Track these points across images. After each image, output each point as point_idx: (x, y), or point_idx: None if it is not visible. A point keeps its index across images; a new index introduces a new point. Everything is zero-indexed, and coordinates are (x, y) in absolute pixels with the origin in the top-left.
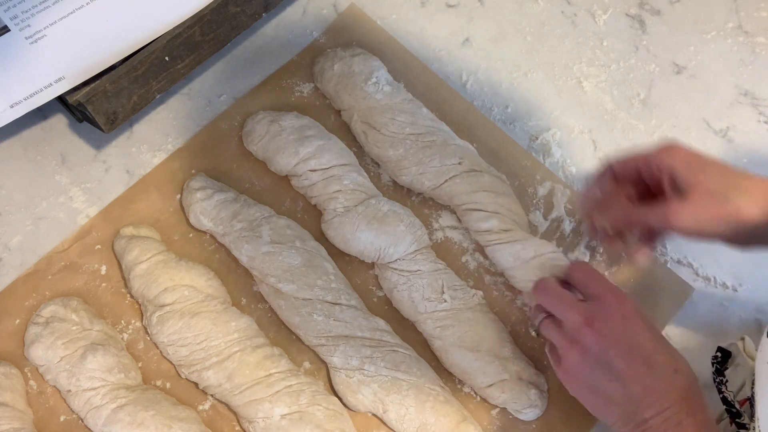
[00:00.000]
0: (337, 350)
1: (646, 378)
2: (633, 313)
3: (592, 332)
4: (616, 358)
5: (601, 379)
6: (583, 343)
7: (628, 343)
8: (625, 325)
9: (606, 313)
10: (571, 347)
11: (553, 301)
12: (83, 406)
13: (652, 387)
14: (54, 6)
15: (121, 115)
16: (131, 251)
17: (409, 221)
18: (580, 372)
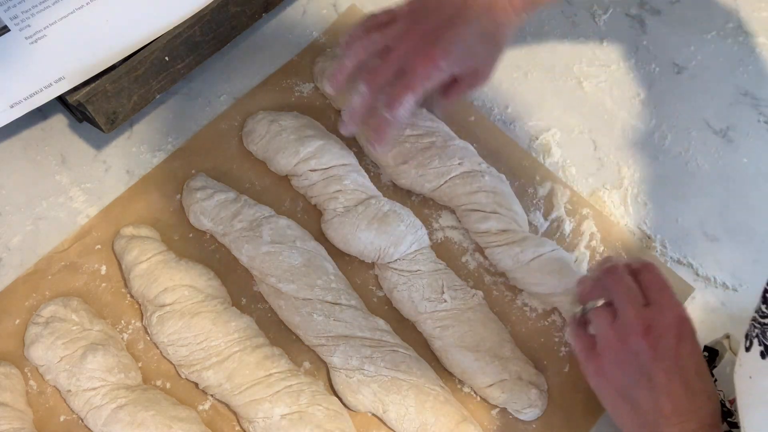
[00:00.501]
0: (337, 350)
1: (680, 398)
2: (688, 335)
3: (645, 341)
4: (660, 372)
5: (635, 386)
6: (631, 345)
7: (675, 362)
8: (679, 345)
9: (664, 327)
10: (617, 345)
11: (619, 290)
12: (83, 406)
13: (683, 408)
14: (54, 6)
15: (121, 115)
16: (131, 251)
17: (409, 221)
18: (618, 372)
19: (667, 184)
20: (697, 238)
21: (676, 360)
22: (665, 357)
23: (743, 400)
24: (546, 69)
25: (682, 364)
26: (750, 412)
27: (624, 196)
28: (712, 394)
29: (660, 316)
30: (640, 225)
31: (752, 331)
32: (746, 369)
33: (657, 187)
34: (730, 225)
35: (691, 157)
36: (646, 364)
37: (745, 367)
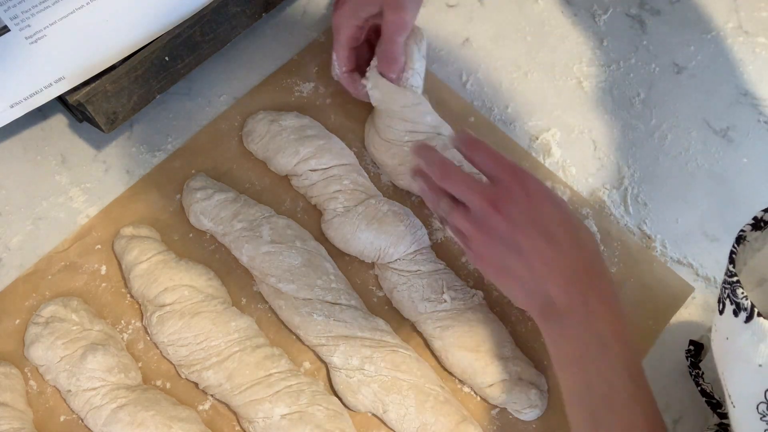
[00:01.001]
0: (337, 350)
1: (548, 253)
2: (536, 191)
3: (499, 216)
4: (522, 238)
5: (508, 259)
6: (490, 225)
7: (533, 222)
8: (530, 204)
9: (511, 195)
10: (480, 231)
11: (460, 187)
12: (83, 406)
13: (555, 262)
14: (54, 6)
15: (121, 115)
16: (131, 251)
17: (409, 221)
18: (488, 253)
19: (667, 184)
20: (697, 238)
21: (532, 219)
22: (520, 221)
23: (723, 363)
24: (546, 69)
25: (539, 221)
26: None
27: (624, 196)
28: (581, 242)
29: (503, 187)
30: (640, 225)
31: (723, 294)
32: (722, 332)
33: (657, 187)
34: (730, 225)
35: (691, 157)
36: (507, 236)
37: (721, 331)
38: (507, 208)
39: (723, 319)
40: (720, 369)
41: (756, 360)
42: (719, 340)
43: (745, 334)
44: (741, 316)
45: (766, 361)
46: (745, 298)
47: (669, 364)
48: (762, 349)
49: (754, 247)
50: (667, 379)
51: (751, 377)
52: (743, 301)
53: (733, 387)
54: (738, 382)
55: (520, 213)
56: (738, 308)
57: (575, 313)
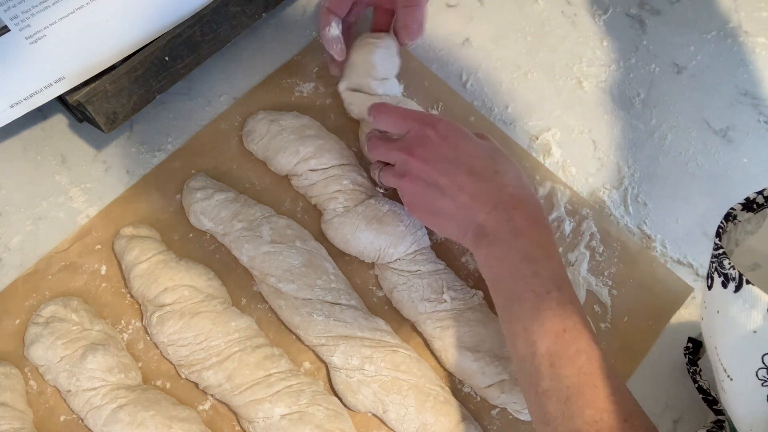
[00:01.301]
0: (337, 350)
1: (470, 185)
2: (446, 131)
3: (416, 160)
4: (440, 176)
5: (433, 199)
6: (411, 173)
7: (448, 159)
8: (443, 143)
9: (423, 140)
10: (403, 181)
11: (380, 150)
12: (83, 406)
13: (478, 192)
14: (54, 6)
15: (121, 115)
16: (131, 251)
17: (409, 221)
18: (416, 200)
19: (667, 184)
20: (697, 238)
21: (447, 157)
22: (436, 160)
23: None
24: (546, 69)
25: (455, 157)
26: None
27: (624, 196)
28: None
29: (413, 136)
30: (640, 225)
31: (711, 268)
32: (713, 306)
33: (657, 187)
34: None
35: (691, 157)
36: (428, 177)
37: (711, 306)
38: (422, 152)
39: (712, 293)
40: (712, 345)
41: (749, 326)
42: (709, 316)
43: (736, 304)
44: (730, 286)
45: (760, 326)
46: (732, 269)
47: (669, 364)
48: (754, 315)
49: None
50: (667, 379)
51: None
52: (731, 271)
53: (729, 359)
54: (733, 354)
55: (435, 153)
56: (726, 279)
57: (503, 233)
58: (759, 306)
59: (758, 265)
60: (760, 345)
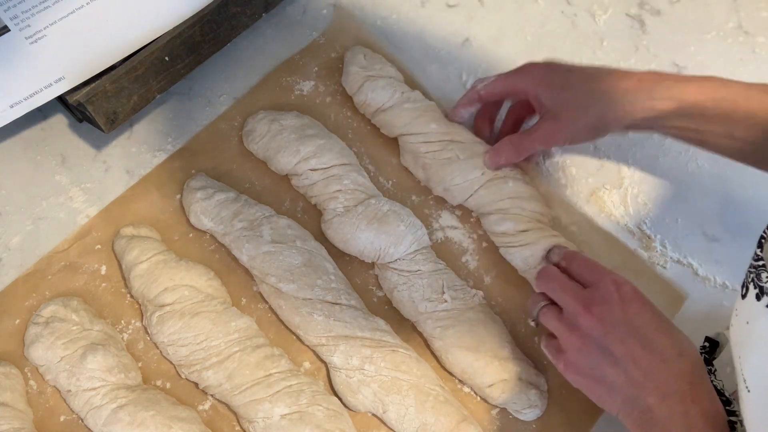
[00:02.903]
0: (337, 350)
1: (646, 361)
2: (632, 296)
3: (591, 317)
4: (615, 342)
5: (601, 365)
6: (582, 329)
7: (627, 327)
8: (624, 308)
9: (604, 298)
10: (571, 335)
11: (555, 287)
12: (83, 406)
13: (653, 371)
14: (54, 6)
15: (121, 115)
16: (131, 251)
17: (409, 221)
18: (580, 360)
19: (667, 184)
20: (697, 238)
21: (627, 325)
22: (615, 325)
23: (741, 348)
24: None
25: (635, 326)
26: (748, 356)
27: (624, 196)
28: (684, 350)
29: (597, 291)
30: (640, 225)
31: (748, 278)
32: (743, 316)
33: (657, 187)
34: (730, 225)
35: (691, 157)
36: (600, 340)
37: (741, 315)
38: (600, 311)
39: (745, 303)
40: (736, 353)
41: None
42: (739, 324)
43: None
44: (763, 300)
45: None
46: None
47: None
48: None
49: None
50: None
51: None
52: (766, 285)
53: (750, 372)
54: (755, 367)
55: (613, 316)
56: (761, 292)
57: (674, 429)
58: None
59: None
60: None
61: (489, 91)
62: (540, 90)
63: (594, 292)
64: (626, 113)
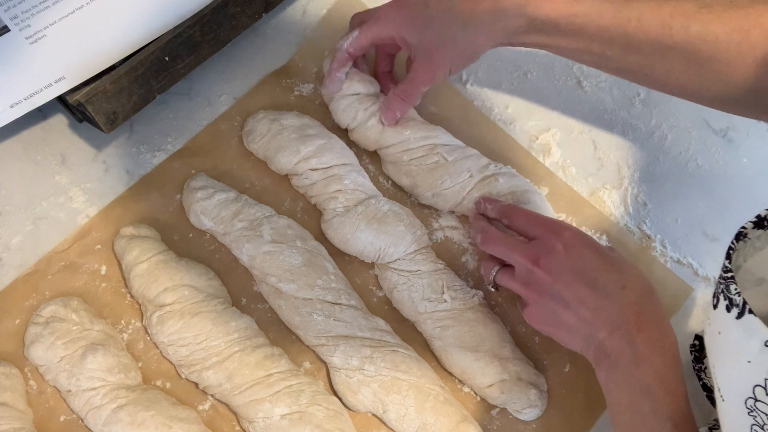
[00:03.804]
0: (337, 350)
1: (592, 300)
2: (573, 241)
3: (539, 270)
4: (564, 288)
5: (556, 311)
6: (535, 282)
7: (572, 271)
8: (567, 254)
9: (548, 249)
10: (526, 289)
11: (501, 250)
12: (83, 406)
13: (600, 307)
14: (54, 6)
15: (121, 115)
16: (131, 251)
17: (409, 221)
18: (539, 311)
19: (667, 184)
20: (697, 238)
21: (572, 269)
22: (560, 272)
23: (715, 357)
24: (546, 69)
25: (580, 269)
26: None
27: (624, 196)
28: (627, 282)
29: (541, 243)
30: (640, 225)
31: (718, 289)
32: (715, 326)
33: (657, 187)
34: (730, 225)
35: (691, 157)
36: (551, 288)
37: (713, 325)
38: (546, 262)
39: (717, 313)
40: (711, 362)
41: (745, 356)
42: (712, 334)
43: (737, 330)
44: (733, 311)
45: (756, 358)
46: (738, 295)
47: None
48: (751, 346)
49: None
50: None
51: (740, 372)
52: (736, 297)
53: (723, 381)
54: (728, 377)
55: (559, 265)
56: (731, 304)
57: (624, 358)
58: (757, 337)
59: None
60: (753, 375)
61: (356, 46)
62: (404, 32)
63: (538, 246)
64: (490, 35)
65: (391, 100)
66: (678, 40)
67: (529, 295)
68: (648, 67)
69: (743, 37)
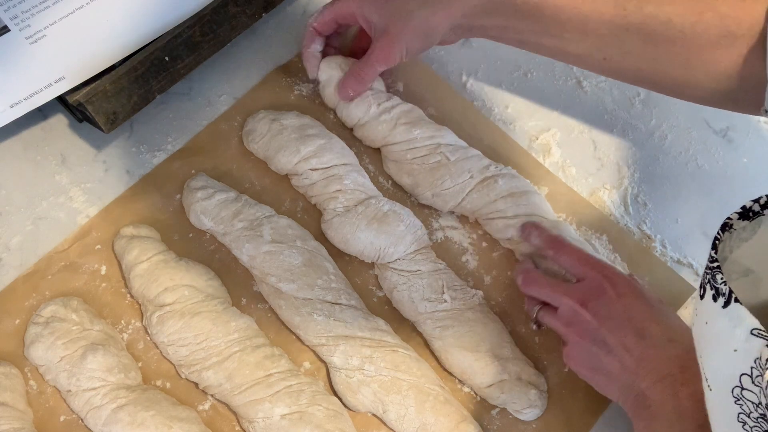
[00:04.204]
0: (337, 350)
1: (638, 349)
2: (625, 288)
3: (586, 313)
4: (609, 334)
5: (598, 356)
6: (579, 323)
7: (620, 318)
8: (619, 301)
9: (598, 293)
10: (568, 330)
11: (545, 291)
12: (83, 406)
13: (645, 357)
14: (54, 6)
15: (121, 115)
16: (131, 251)
17: (409, 221)
18: (579, 352)
19: (667, 184)
20: (697, 238)
21: (620, 316)
22: (608, 317)
23: (702, 347)
24: (546, 69)
25: (628, 317)
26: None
27: (624, 196)
28: (674, 335)
29: (589, 285)
30: (640, 225)
31: (704, 279)
32: (702, 316)
33: (657, 187)
34: None
35: (691, 157)
36: (595, 332)
37: (700, 315)
38: (594, 306)
39: (703, 303)
40: (699, 353)
41: (732, 345)
42: (699, 324)
43: (723, 319)
44: (719, 301)
45: (741, 346)
46: (724, 284)
47: None
48: (738, 334)
49: (742, 236)
50: None
51: (726, 361)
52: (722, 286)
53: (710, 371)
54: (715, 366)
55: (607, 310)
56: (717, 293)
57: (665, 410)
58: (742, 326)
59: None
60: (739, 364)
61: (321, 21)
62: (365, 8)
63: (587, 288)
64: (448, 14)
65: (347, 78)
66: (632, 20)
67: (571, 335)
68: (605, 50)
69: (697, 19)
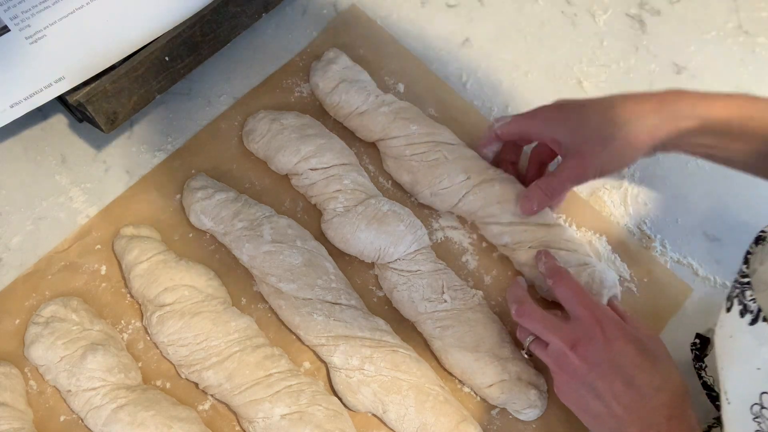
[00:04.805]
0: (337, 350)
1: (626, 397)
2: (616, 334)
3: (575, 357)
4: (598, 380)
5: (585, 398)
6: (568, 366)
7: (610, 364)
8: (608, 347)
9: (588, 337)
10: (557, 369)
11: (537, 326)
12: (83, 406)
13: (633, 406)
14: (54, 6)
15: (121, 115)
16: (131, 251)
17: (409, 221)
18: (568, 392)
19: (667, 184)
20: (697, 238)
21: (609, 362)
22: (597, 363)
23: (724, 360)
24: (546, 69)
25: (618, 363)
26: (730, 370)
27: (624, 196)
28: (663, 383)
29: (581, 329)
30: (640, 225)
31: (733, 292)
32: (727, 329)
33: (657, 187)
34: (730, 225)
35: (691, 157)
36: (584, 376)
37: (725, 328)
38: (583, 350)
39: (729, 317)
40: (720, 364)
41: (755, 362)
42: (723, 337)
43: (749, 336)
44: (747, 317)
45: (765, 365)
46: (753, 301)
47: None
48: (762, 353)
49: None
50: None
51: (748, 378)
52: (750, 303)
53: (730, 384)
54: (736, 381)
55: (597, 355)
56: (745, 309)
57: None
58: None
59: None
60: (761, 382)
61: (504, 131)
62: (556, 132)
63: (577, 330)
64: (652, 135)
65: (533, 190)
66: None
67: (561, 375)
68: None
69: None
